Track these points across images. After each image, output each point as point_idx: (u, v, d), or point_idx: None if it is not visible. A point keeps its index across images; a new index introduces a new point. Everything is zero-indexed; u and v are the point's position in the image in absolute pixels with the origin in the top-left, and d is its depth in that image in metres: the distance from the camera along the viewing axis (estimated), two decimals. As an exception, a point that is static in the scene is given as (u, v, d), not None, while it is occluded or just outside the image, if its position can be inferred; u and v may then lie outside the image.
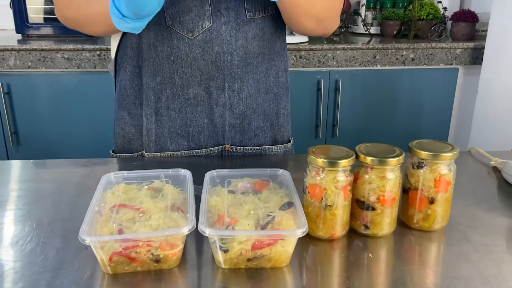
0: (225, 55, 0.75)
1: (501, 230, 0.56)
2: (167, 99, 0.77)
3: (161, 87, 0.77)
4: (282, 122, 0.84)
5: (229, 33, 0.74)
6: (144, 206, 0.51)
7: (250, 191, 0.56)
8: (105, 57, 1.56)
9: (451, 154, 0.53)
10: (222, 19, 0.73)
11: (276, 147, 0.84)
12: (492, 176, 0.73)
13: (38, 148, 1.63)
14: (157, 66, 0.75)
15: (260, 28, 0.77)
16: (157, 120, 0.79)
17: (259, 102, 0.80)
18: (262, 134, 0.82)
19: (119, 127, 0.83)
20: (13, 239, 0.53)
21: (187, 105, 0.78)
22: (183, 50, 0.74)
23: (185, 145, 0.80)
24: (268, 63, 0.80)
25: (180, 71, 0.75)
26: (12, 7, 1.76)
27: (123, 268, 0.47)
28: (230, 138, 0.81)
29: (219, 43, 0.74)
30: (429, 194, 0.54)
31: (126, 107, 0.81)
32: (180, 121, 0.79)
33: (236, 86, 0.77)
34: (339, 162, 0.50)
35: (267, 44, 0.79)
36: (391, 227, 0.54)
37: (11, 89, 1.56)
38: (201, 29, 0.73)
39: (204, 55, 0.74)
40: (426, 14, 1.75)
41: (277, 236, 0.47)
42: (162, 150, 0.80)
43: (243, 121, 0.80)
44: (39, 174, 0.75)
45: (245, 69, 0.77)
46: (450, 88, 1.71)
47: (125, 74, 0.79)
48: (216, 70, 0.75)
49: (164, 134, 0.79)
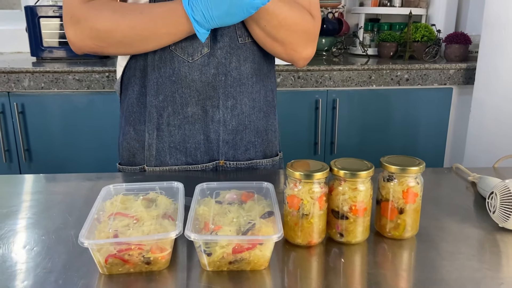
0: (220, 76, 0.82)
1: (468, 239, 0.61)
2: (168, 116, 0.84)
3: (163, 104, 0.83)
4: (270, 137, 0.91)
5: (224, 56, 0.82)
6: (138, 215, 0.57)
7: (236, 202, 0.61)
8: (113, 78, 1.65)
9: (418, 168, 0.58)
10: (218, 44, 0.81)
11: (266, 161, 0.90)
12: (470, 190, 0.78)
13: (49, 164, 1.71)
14: (160, 85, 0.82)
15: (251, 51, 0.84)
16: (158, 136, 0.85)
17: (252, 119, 0.87)
18: (253, 149, 0.88)
19: (125, 141, 0.90)
20: (22, 244, 0.59)
21: (186, 122, 0.84)
22: (183, 72, 0.81)
23: (183, 160, 0.86)
24: (260, 83, 0.87)
25: (180, 90, 0.82)
26: (28, 31, 1.87)
27: (117, 269, 0.52)
28: (224, 154, 0.87)
29: (215, 66, 0.81)
30: (399, 205, 0.59)
31: (132, 123, 0.88)
32: (179, 137, 0.85)
33: (229, 104, 0.84)
34: (314, 174, 0.56)
35: (258, 66, 0.86)
36: (364, 235, 0.59)
37: (25, 108, 1.65)
38: (200, 54, 0.80)
39: (201, 77, 0.81)
40: (421, 36, 1.81)
41: (255, 241, 0.52)
42: (161, 164, 0.87)
43: (236, 136, 0.86)
44: (48, 187, 0.82)
45: (238, 88, 0.84)
46: (445, 107, 1.76)
47: (133, 93, 0.86)
48: (212, 89, 0.82)
49: (164, 149, 0.86)
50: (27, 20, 1.85)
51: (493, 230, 0.63)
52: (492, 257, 0.56)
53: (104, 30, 0.74)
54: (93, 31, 0.75)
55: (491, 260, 0.56)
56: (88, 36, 0.76)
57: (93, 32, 0.75)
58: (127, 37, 0.75)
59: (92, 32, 0.75)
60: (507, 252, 0.58)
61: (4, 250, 0.58)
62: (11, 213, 0.69)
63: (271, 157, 0.92)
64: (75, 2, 0.76)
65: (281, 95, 1.64)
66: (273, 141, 0.92)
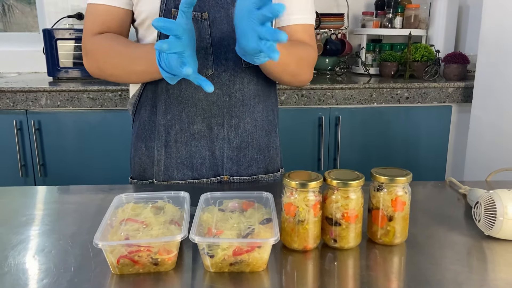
0: (224, 96, 0.88)
1: (454, 246, 0.64)
2: (176, 134, 0.90)
3: (171, 123, 0.90)
4: (272, 154, 0.96)
5: (228, 78, 0.88)
6: (147, 220, 0.62)
7: (238, 210, 0.66)
8: (125, 96, 1.72)
9: (405, 178, 0.62)
10: (222, 67, 0.87)
11: (267, 176, 0.95)
12: (461, 201, 0.82)
13: (63, 178, 1.78)
14: (168, 105, 0.89)
15: (254, 74, 0.90)
16: (166, 152, 0.91)
17: (254, 137, 0.92)
18: (255, 165, 0.94)
19: (137, 157, 0.96)
20: (40, 247, 0.65)
21: (192, 139, 0.90)
22: (190, 92, 0.87)
23: (189, 175, 0.92)
24: (263, 103, 0.93)
25: (187, 109, 0.88)
26: (45, 53, 1.97)
27: (127, 269, 0.57)
28: (228, 169, 0.92)
29: (220, 87, 0.87)
30: (388, 213, 0.63)
31: (144, 140, 0.94)
32: (186, 153, 0.91)
33: (233, 122, 0.90)
34: (309, 184, 0.60)
35: (261, 88, 0.92)
36: (356, 241, 0.63)
37: (41, 125, 1.73)
38: (204, 75, 0.86)
39: (206, 96, 0.88)
40: (420, 56, 1.87)
41: (253, 243, 0.56)
42: (169, 179, 0.92)
43: (239, 153, 0.92)
44: (63, 198, 0.88)
45: (242, 108, 0.90)
46: (445, 124, 1.80)
47: (145, 112, 0.93)
48: (217, 109, 0.88)
49: (172, 165, 0.91)
50: (45, 42, 1.95)
51: (479, 238, 0.67)
52: (476, 262, 0.60)
53: (98, 66, 0.88)
54: (96, 62, 0.88)
55: (475, 264, 0.60)
56: (93, 65, 0.89)
57: (96, 63, 0.88)
58: (114, 75, 0.87)
59: (95, 63, 0.88)
60: (492, 258, 0.62)
61: (25, 253, 0.63)
62: (29, 220, 0.74)
63: (273, 172, 0.97)
64: (86, 35, 0.89)
65: (285, 113, 1.70)
66: (275, 157, 0.97)
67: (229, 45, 0.86)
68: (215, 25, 0.85)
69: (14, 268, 0.59)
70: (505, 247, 0.64)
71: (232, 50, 0.86)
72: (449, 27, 2.02)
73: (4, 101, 1.70)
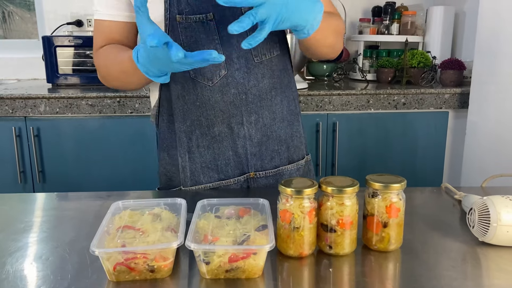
0: (241, 95, 0.88)
1: (448, 252, 0.65)
2: (197, 138, 0.90)
3: (191, 128, 0.90)
4: (296, 143, 0.97)
5: (242, 76, 0.87)
6: (144, 227, 0.62)
7: (234, 216, 0.67)
8: (124, 103, 1.73)
9: (399, 185, 0.63)
10: (234, 66, 0.87)
11: (291, 166, 0.96)
12: (456, 208, 0.82)
13: (62, 184, 1.78)
14: (186, 112, 0.89)
15: (268, 68, 0.90)
16: (190, 158, 0.91)
17: (274, 129, 0.92)
18: (277, 157, 0.94)
19: (162, 167, 0.97)
20: (38, 254, 0.65)
21: (214, 142, 0.90)
22: (206, 95, 0.87)
23: (215, 177, 0.92)
24: (281, 95, 0.92)
25: (205, 113, 0.88)
26: (45, 59, 1.99)
27: (124, 276, 0.58)
28: (252, 166, 0.92)
29: (235, 86, 0.87)
30: (383, 219, 0.64)
31: (166, 149, 0.95)
32: (209, 156, 0.91)
33: (252, 119, 0.90)
34: (304, 190, 0.61)
35: (277, 80, 0.91)
36: (351, 247, 0.64)
37: (40, 132, 1.74)
38: (218, 77, 0.86)
39: (223, 97, 0.87)
40: (417, 62, 1.89)
41: (249, 250, 0.57)
42: (196, 183, 0.93)
43: (261, 147, 0.92)
44: (61, 204, 0.88)
45: (259, 103, 0.90)
46: (441, 130, 1.81)
47: (163, 122, 0.93)
48: (235, 108, 0.88)
49: (197, 169, 0.92)
50: (44, 49, 1.97)
51: (474, 244, 0.67)
52: (471, 268, 0.61)
53: (105, 79, 0.93)
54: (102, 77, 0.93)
55: (469, 271, 0.60)
56: (102, 79, 0.94)
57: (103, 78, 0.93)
58: (118, 86, 0.94)
59: (102, 77, 0.93)
60: (486, 264, 0.62)
61: (22, 260, 0.63)
62: (27, 227, 0.75)
63: (298, 161, 0.97)
64: (94, 50, 0.94)
65: (283, 119, 1.70)
66: (299, 146, 0.98)
67: (238, 43, 0.85)
68: (222, 24, 0.84)
69: (11, 275, 0.59)
70: (499, 253, 0.64)
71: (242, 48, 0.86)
72: (446, 33, 2.03)
73: (3, 108, 1.71)
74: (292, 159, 0.97)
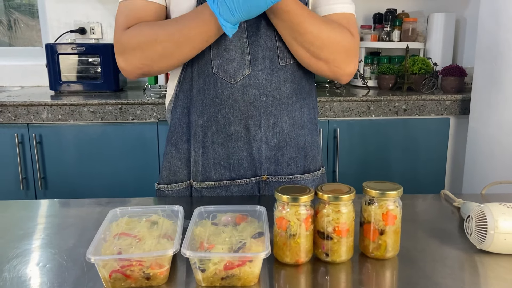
0: (261, 96, 0.87)
1: (445, 259, 0.65)
2: (212, 135, 0.90)
3: (208, 124, 0.89)
4: (314, 153, 0.96)
5: (265, 77, 0.87)
6: (141, 234, 0.63)
7: (231, 224, 0.67)
8: (125, 110, 1.74)
9: (396, 192, 0.63)
10: (259, 66, 0.86)
11: (306, 176, 0.95)
12: (455, 215, 0.82)
13: (63, 191, 1.79)
14: (204, 106, 0.89)
15: (291, 72, 0.89)
16: (203, 153, 0.91)
17: (293, 136, 0.91)
18: (294, 164, 0.93)
19: (166, 161, 0.95)
20: (35, 261, 0.65)
21: (229, 140, 0.90)
22: (226, 93, 0.87)
23: (227, 175, 0.92)
24: (301, 102, 0.92)
25: (223, 111, 0.88)
26: (48, 67, 2.01)
27: (120, 284, 0.58)
28: (266, 169, 0.92)
29: (256, 87, 0.86)
30: (379, 227, 0.63)
31: (174, 143, 0.94)
32: (223, 153, 0.91)
33: (270, 122, 0.89)
34: (300, 198, 0.61)
35: (298, 86, 0.90)
36: (348, 255, 0.64)
37: (42, 139, 1.75)
38: (241, 76, 0.86)
39: (243, 97, 0.87)
40: (418, 69, 1.89)
41: (244, 258, 0.57)
42: (207, 179, 0.92)
43: (277, 152, 0.91)
44: (62, 211, 0.88)
45: (279, 107, 0.89)
46: (443, 136, 1.81)
47: (175, 114, 0.93)
48: (254, 109, 0.87)
49: (209, 165, 0.91)
50: (47, 56, 1.99)
51: (472, 251, 0.67)
52: (468, 276, 0.60)
53: (146, 44, 0.81)
54: (137, 50, 0.82)
55: (467, 278, 0.60)
56: (134, 57, 0.83)
57: (138, 52, 0.82)
58: (166, 48, 0.81)
59: (137, 52, 0.82)
60: (484, 272, 0.62)
61: (20, 266, 0.64)
62: (27, 234, 0.75)
63: (314, 171, 0.96)
64: (117, 31, 0.84)
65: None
66: (316, 156, 0.97)
67: (265, 43, 0.86)
68: (251, 23, 0.84)
69: (8, 282, 0.59)
70: (497, 261, 0.64)
71: (268, 49, 0.86)
72: (447, 40, 2.04)
73: (6, 115, 1.72)
74: (308, 169, 0.96)
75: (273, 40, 0.86)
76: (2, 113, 1.72)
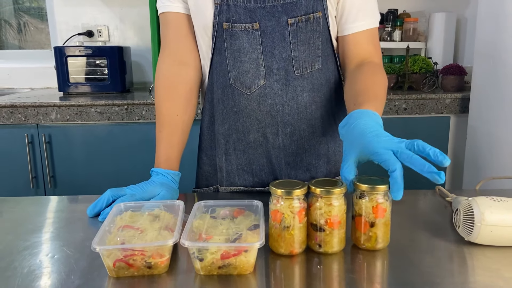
0: (277, 106, 0.89)
1: (434, 250, 0.67)
2: (234, 142, 0.94)
3: (228, 132, 0.93)
4: (338, 158, 0.97)
5: (280, 87, 0.88)
6: (143, 227, 0.66)
7: (228, 217, 0.70)
8: (131, 110, 1.79)
9: (385, 186, 0.66)
10: (274, 77, 0.88)
11: None
12: (448, 209, 0.84)
13: (72, 189, 1.84)
14: (225, 116, 0.93)
15: (308, 81, 0.89)
16: (226, 159, 0.95)
17: (312, 143, 0.93)
18: (313, 169, 0.95)
19: (200, 168, 1.01)
20: (44, 253, 0.69)
21: (249, 148, 0.93)
22: (243, 103, 0.90)
23: (250, 180, 0.96)
24: (321, 109, 0.92)
25: (241, 120, 0.91)
26: (56, 69, 2.06)
27: (123, 272, 0.61)
28: (287, 175, 0.95)
29: (272, 97, 0.88)
30: (370, 219, 0.66)
31: (204, 150, 0.99)
32: (245, 160, 0.94)
33: (288, 131, 0.91)
34: (294, 191, 0.64)
35: (318, 94, 0.91)
36: (340, 246, 0.67)
37: (51, 139, 1.80)
38: (257, 86, 0.89)
39: (260, 107, 0.89)
40: (419, 68, 1.90)
41: (240, 247, 0.60)
42: (232, 184, 0.96)
43: (296, 158, 0.94)
44: (70, 207, 0.93)
45: (296, 116, 0.90)
46: (443, 135, 1.82)
47: (204, 123, 0.98)
48: (271, 118, 0.90)
49: (233, 171, 0.95)
50: (56, 59, 2.04)
51: (461, 243, 0.69)
52: (455, 266, 0.63)
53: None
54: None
55: (453, 268, 0.62)
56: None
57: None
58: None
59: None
60: (471, 262, 0.65)
61: (30, 257, 0.68)
62: (37, 228, 0.79)
63: (335, 176, 0.97)
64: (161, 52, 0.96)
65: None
66: (340, 161, 0.97)
67: (280, 54, 0.87)
68: (266, 34, 0.86)
69: (19, 272, 0.63)
70: (484, 252, 0.66)
71: (283, 59, 0.87)
72: (448, 39, 2.05)
73: (16, 116, 1.77)
74: (330, 172, 0.96)
75: (288, 51, 0.87)
76: (13, 114, 1.77)
